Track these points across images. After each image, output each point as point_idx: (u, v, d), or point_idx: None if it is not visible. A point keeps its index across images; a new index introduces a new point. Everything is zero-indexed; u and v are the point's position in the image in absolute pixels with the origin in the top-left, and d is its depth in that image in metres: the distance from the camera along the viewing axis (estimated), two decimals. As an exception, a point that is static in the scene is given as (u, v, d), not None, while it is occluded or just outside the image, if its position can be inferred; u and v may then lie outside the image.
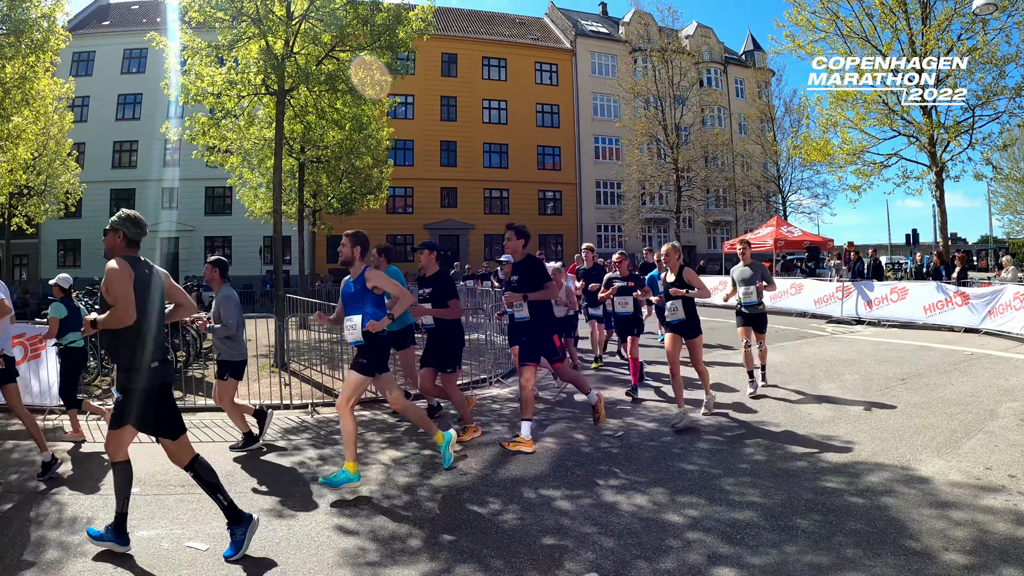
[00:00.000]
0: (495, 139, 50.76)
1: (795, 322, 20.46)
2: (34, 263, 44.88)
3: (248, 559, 5.25)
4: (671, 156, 45.49)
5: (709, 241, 54.83)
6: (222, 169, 22.85)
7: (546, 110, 52.20)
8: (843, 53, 23.26)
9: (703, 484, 6.56)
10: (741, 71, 55.73)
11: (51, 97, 24.67)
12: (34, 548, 5.49)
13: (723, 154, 51.03)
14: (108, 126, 45.27)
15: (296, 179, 23.69)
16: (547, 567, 4.97)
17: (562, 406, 10.47)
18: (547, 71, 52.51)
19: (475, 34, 51.38)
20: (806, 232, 32.92)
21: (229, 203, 44.17)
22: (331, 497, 6.57)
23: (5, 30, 16.30)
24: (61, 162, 30.27)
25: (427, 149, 49.03)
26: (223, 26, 14.78)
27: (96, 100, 45.22)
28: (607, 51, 53.40)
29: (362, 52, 15.52)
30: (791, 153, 34.99)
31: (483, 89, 50.67)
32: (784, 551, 5.03)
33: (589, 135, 52.48)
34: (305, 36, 15.09)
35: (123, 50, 46.05)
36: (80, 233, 43.84)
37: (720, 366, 13.20)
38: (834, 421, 8.71)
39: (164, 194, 45.94)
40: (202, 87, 15.36)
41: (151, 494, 6.78)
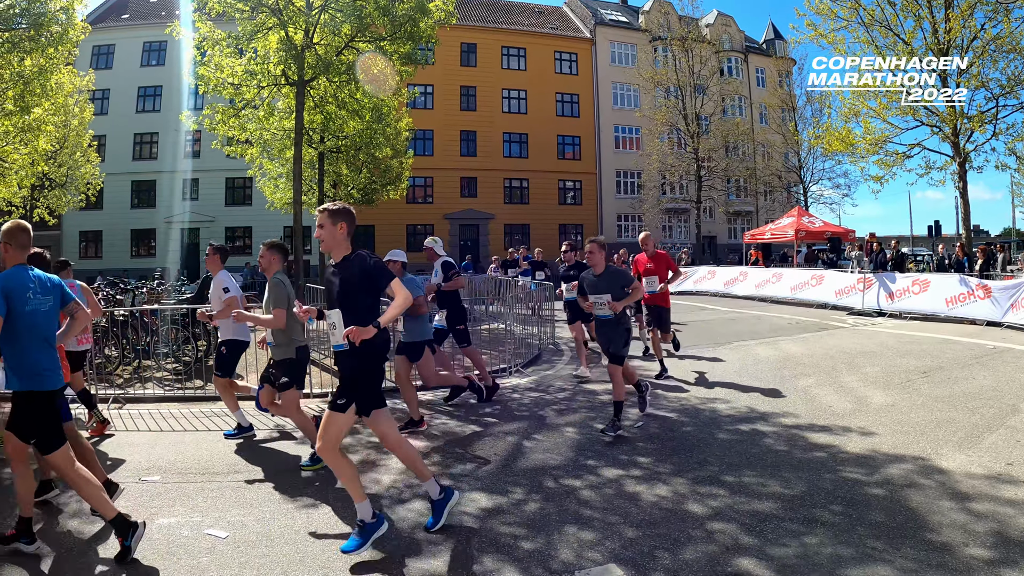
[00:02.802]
0: (515, 129, 50.60)
1: (816, 313, 20.31)
2: (56, 254, 44.81)
3: (269, 546, 5.31)
4: (691, 146, 45.19)
5: (729, 231, 54.53)
6: (242, 160, 22.96)
7: (566, 99, 51.96)
8: (865, 42, 23.02)
9: (724, 474, 6.55)
10: (762, 60, 55.23)
11: (71, 89, 24.82)
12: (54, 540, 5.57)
13: (744, 144, 50.58)
14: (128, 118, 45.47)
15: (316, 170, 23.76)
16: (568, 556, 4.98)
17: (581, 395, 10.46)
18: (567, 60, 52.27)
19: (494, 24, 51.17)
20: (827, 223, 32.70)
21: (249, 194, 44.27)
22: (352, 486, 6.60)
23: (25, 24, 16.40)
24: (82, 154, 30.48)
25: (447, 139, 48.94)
26: (243, 17, 14.83)
27: (116, 93, 45.40)
28: (627, 40, 53.07)
29: (382, 42, 15.51)
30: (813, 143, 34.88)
31: (503, 79, 50.51)
32: (805, 542, 5.02)
33: (609, 124, 52.22)
34: (325, 27, 15.10)
35: (142, 43, 46.13)
36: (101, 224, 44.19)
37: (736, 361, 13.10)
38: (855, 413, 8.65)
39: (184, 185, 46.10)
40: (222, 78, 15.42)
41: (171, 482, 6.84)
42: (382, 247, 44.78)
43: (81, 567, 5.03)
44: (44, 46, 16.42)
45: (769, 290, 25.13)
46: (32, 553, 5.15)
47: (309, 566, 4.99)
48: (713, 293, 27.69)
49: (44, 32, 16.34)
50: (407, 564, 4.98)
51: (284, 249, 7.97)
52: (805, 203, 47.07)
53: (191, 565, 5.05)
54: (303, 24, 14.72)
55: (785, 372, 11.51)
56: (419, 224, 47.94)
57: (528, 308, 17.36)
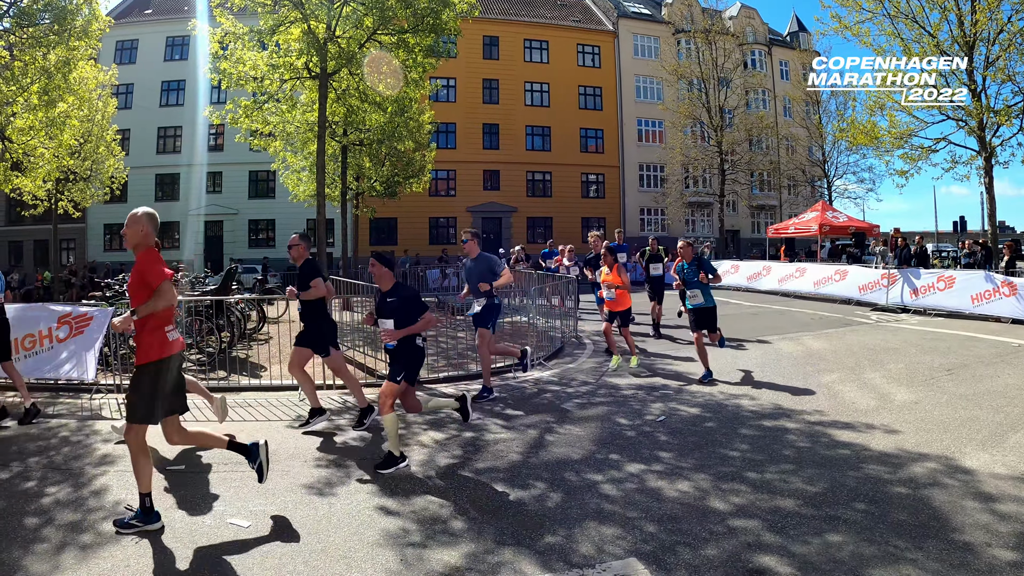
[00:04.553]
0: (537, 122, 50.44)
1: (840, 309, 20.16)
2: (80, 247, 45.74)
3: (290, 536, 5.35)
4: (715, 139, 44.95)
5: (753, 226, 54.15)
6: (265, 153, 23.09)
7: (588, 92, 51.72)
8: (890, 34, 22.75)
9: (746, 470, 6.52)
10: (786, 53, 54.71)
11: (94, 84, 25.01)
12: (76, 527, 5.62)
13: (767, 137, 50.26)
14: (152, 112, 45.82)
15: (339, 162, 23.83)
16: (588, 550, 4.98)
17: (603, 388, 10.45)
18: (589, 53, 52.03)
19: (516, 16, 51.01)
20: (851, 218, 32.43)
21: (272, 187, 44.49)
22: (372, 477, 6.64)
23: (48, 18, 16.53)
24: (106, 147, 30.73)
25: (469, 132, 48.91)
26: (265, 11, 14.87)
27: (140, 87, 45.77)
28: (650, 32, 52.76)
29: (405, 35, 15.52)
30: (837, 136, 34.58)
31: (525, 72, 50.37)
32: (827, 540, 4.99)
33: (632, 118, 51.95)
34: (347, 19, 15.13)
35: (165, 37, 46.49)
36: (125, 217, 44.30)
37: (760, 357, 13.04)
38: (878, 410, 8.58)
39: (208, 178, 46.54)
40: (244, 71, 15.48)
41: (194, 471, 6.89)
42: (405, 240, 45.00)
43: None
44: (67, 40, 16.55)
45: (792, 285, 24.97)
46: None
47: (331, 556, 5.01)
48: (736, 287, 27.53)
49: (67, 26, 16.46)
50: (426, 556, 4.99)
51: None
52: (829, 197, 46.69)
53: (213, 554, 5.10)
54: (325, 17, 14.75)
55: (808, 368, 11.45)
56: (441, 217, 48.04)
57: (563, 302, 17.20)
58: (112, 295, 14.64)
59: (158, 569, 4.89)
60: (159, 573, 4.84)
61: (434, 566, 4.83)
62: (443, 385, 10.98)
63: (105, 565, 4.94)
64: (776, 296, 24.56)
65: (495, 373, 11.22)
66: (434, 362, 12.60)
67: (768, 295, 25.03)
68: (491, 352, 10.24)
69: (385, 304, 7.25)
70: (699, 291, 10.93)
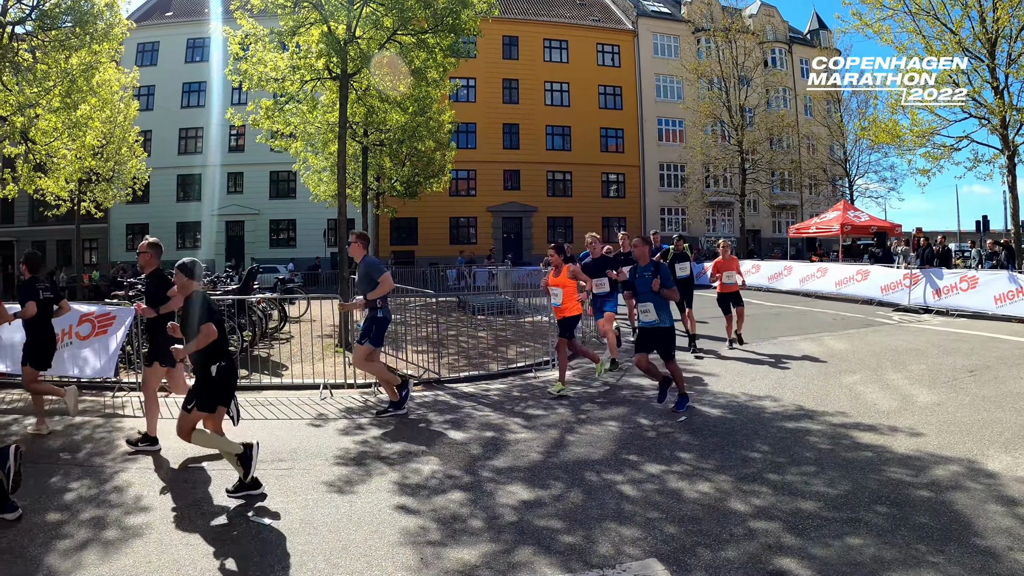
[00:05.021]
0: (557, 121, 50.38)
1: (861, 309, 20.00)
2: (103, 247, 46.20)
3: (312, 534, 5.38)
4: (735, 138, 44.64)
5: (774, 225, 53.82)
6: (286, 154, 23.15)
7: (608, 92, 51.59)
8: (912, 31, 22.46)
9: (767, 472, 6.50)
10: (806, 51, 54.20)
11: (117, 86, 25.23)
12: (98, 524, 5.69)
13: (788, 136, 49.96)
14: (174, 113, 46.25)
15: (359, 163, 23.88)
16: (607, 551, 4.98)
17: (624, 388, 10.43)
18: (609, 52, 51.90)
19: (536, 16, 50.95)
20: (873, 217, 32.20)
21: (293, 187, 44.73)
22: (393, 475, 6.69)
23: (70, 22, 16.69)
24: (128, 149, 31.01)
25: (489, 132, 48.92)
26: (284, 12, 14.93)
27: (161, 89, 46.24)
28: (669, 31, 52.57)
29: (424, 35, 15.54)
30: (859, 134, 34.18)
31: (545, 71, 50.32)
32: (848, 543, 4.96)
33: (652, 117, 51.75)
34: (367, 20, 15.13)
35: (186, 39, 46.92)
36: (148, 217, 44.94)
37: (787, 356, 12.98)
38: (900, 412, 8.51)
39: (229, 179, 46.94)
40: (264, 72, 15.55)
41: (216, 469, 6.94)
42: (426, 239, 45.16)
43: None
44: (89, 43, 16.70)
45: (814, 285, 24.80)
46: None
47: (351, 554, 5.05)
48: (757, 287, 27.35)
49: (89, 29, 16.61)
50: (445, 555, 5.01)
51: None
52: (851, 197, 46.33)
53: (236, 551, 5.15)
54: (344, 18, 14.76)
55: (830, 369, 11.38)
56: (462, 216, 48.15)
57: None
58: (135, 295, 14.76)
59: (179, 565, 4.95)
60: (180, 569, 4.89)
61: (453, 565, 4.86)
62: (464, 384, 10.99)
63: (127, 561, 5.01)
64: (797, 296, 24.40)
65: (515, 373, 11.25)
66: (455, 361, 12.63)
67: (789, 295, 24.88)
68: (374, 369, 9.37)
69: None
70: (651, 305, 9.04)
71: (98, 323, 10.64)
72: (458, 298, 22.66)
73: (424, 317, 15.24)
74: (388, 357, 12.81)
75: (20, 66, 16.50)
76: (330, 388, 10.68)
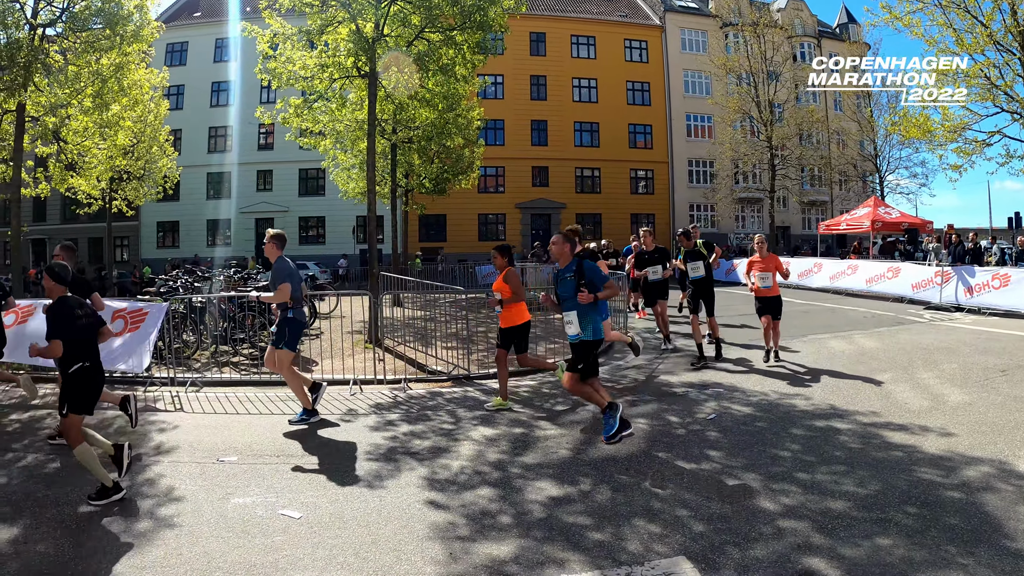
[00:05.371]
0: (586, 118, 50.36)
1: (892, 307, 19.75)
2: (134, 244, 46.93)
3: (342, 528, 5.43)
4: (765, 133, 44.15)
5: (804, 222, 53.38)
6: (315, 152, 23.34)
7: (636, 88, 51.43)
8: (942, 24, 22.17)
9: (797, 471, 6.46)
10: (835, 45, 53.48)
11: (147, 86, 25.53)
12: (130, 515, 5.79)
13: (818, 132, 49.36)
14: (203, 112, 46.92)
15: (388, 160, 24.00)
16: (636, 548, 4.99)
17: (654, 386, 10.39)
18: (636, 48, 51.73)
19: (563, 12, 50.93)
20: (904, 213, 31.80)
21: (322, 184, 45.11)
22: (422, 471, 6.73)
23: (101, 23, 16.90)
24: (158, 147, 31.42)
25: (518, 128, 49.03)
26: (313, 11, 15.01)
27: (191, 88, 46.98)
28: (697, 27, 52.28)
29: (452, 32, 15.58)
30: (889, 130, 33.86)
31: (572, 68, 50.29)
32: (877, 543, 4.92)
33: (681, 113, 51.53)
34: (394, 18, 15.20)
35: (214, 39, 47.55)
36: (178, 215, 45.67)
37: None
38: (931, 411, 8.39)
39: (259, 177, 47.43)
40: (293, 70, 15.65)
41: (247, 463, 7.02)
42: (454, 236, 45.27)
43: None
44: (119, 44, 16.91)
45: (844, 282, 24.54)
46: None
47: (381, 548, 5.09)
48: (787, 285, 27.10)
49: (119, 31, 16.82)
50: (474, 551, 5.04)
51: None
52: (881, 193, 45.71)
53: (265, 544, 5.21)
54: (372, 16, 14.81)
55: (860, 367, 11.25)
56: (491, 213, 48.31)
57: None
58: (167, 291, 14.95)
59: (210, 557, 5.01)
60: (211, 561, 4.96)
61: (482, 560, 4.88)
62: (492, 381, 11.00)
63: (158, 553, 5.09)
64: (827, 293, 24.18)
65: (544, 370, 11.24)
66: (484, 358, 12.66)
67: (819, 292, 24.65)
68: (288, 375, 8.99)
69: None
70: (574, 315, 7.43)
71: (130, 319, 10.78)
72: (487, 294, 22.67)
73: (453, 314, 15.29)
74: (418, 353, 12.87)
75: (51, 67, 16.72)
76: (360, 384, 10.76)
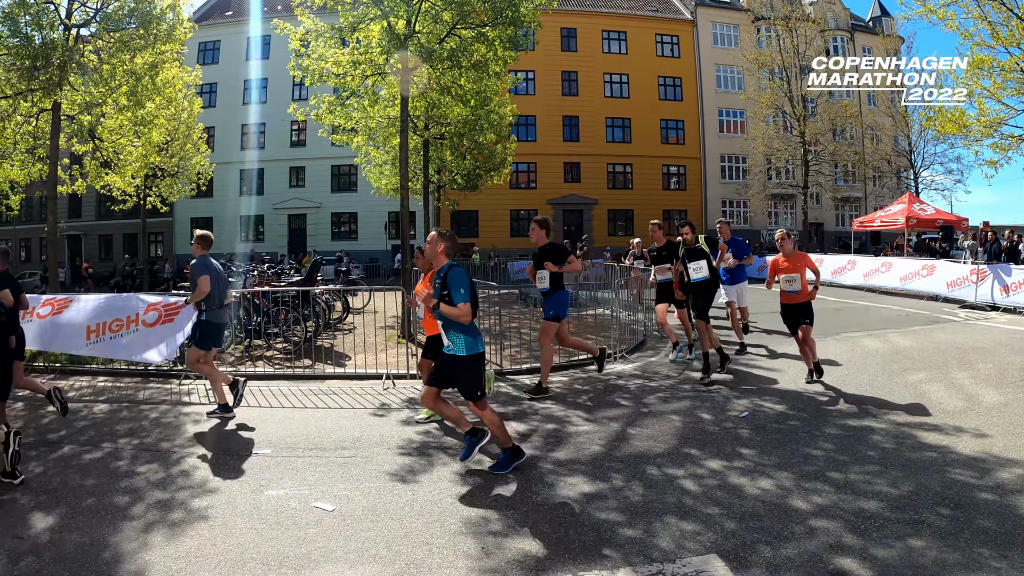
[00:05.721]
0: (617, 113, 50.17)
1: (926, 305, 19.49)
2: (168, 240, 47.53)
3: (374, 521, 5.49)
4: (798, 129, 43.63)
5: (837, 218, 52.80)
6: (347, 148, 23.45)
7: (668, 83, 51.09)
8: (977, 17, 21.75)
9: (829, 470, 6.42)
10: (868, 39, 52.87)
11: (180, 84, 25.83)
12: (164, 506, 5.89)
13: (851, 127, 48.73)
14: (235, 110, 47.53)
15: (421, 156, 24.07)
16: (668, 545, 5.00)
17: (686, 383, 10.37)
18: (668, 43, 51.38)
19: (594, 7, 50.75)
20: (939, 210, 31.37)
21: (354, 180, 45.41)
22: (455, 466, 6.76)
23: (134, 23, 17.12)
24: (192, 145, 31.80)
25: (549, 124, 49.01)
26: (345, 9, 15.10)
27: (223, 86, 47.61)
28: (729, 21, 51.80)
29: (484, 28, 15.59)
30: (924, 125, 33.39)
31: (604, 63, 50.10)
32: (910, 545, 4.89)
33: (713, 108, 51.15)
34: (426, 15, 15.24)
35: (246, 38, 48.13)
36: (212, 211, 46.18)
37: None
38: (965, 412, 8.29)
39: (291, 173, 47.91)
40: (325, 67, 15.75)
41: (281, 456, 7.11)
42: (486, 232, 45.36)
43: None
44: (153, 43, 17.12)
45: (878, 280, 24.25)
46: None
47: (413, 541, 5.14)
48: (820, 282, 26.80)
49: (153, 30, 17.04)
50: (506, 546, 5.08)
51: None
52: (916, 189, 45.08)
53: (299, 536, 5.28)
54: (404, 13, 14.87)
55: (894, 366, 11.14)
56: (522, 209, 48.27)
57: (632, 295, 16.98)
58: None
59: (243, 549, 5.09)
60: (244, 552, 5.04)
61: (514, 555, 4.91)
62: (525, 376, 11.02)
63: (192, 544, 5.17)
64: (861, 291, 23.91)
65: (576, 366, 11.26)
66: (516, 353, 12.70)
67: (852, 290, 24.40)
68: (203, 371, 9.19)
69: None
70: (443, 323, 6.59)
71: (164, 312, 11.00)
72: (519, 290, 22.73)
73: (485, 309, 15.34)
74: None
75: (86, 67, 16.97)
76: (392, 378, 10.82)
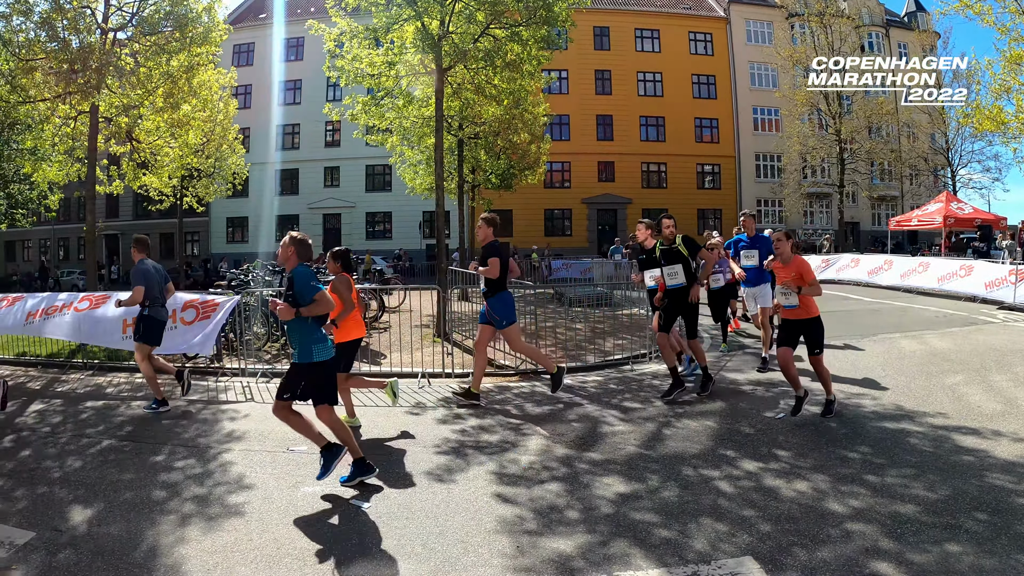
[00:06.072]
0: (651, 112, 49.94)
1: (964, 307, 19.16)
2: (204, 239, 48.26)
3: (410, 518, 5.57)
4: (833, 127, 43.08)
5: (873, 217, 52.13)
6: (381, 148, 23.59)
7: (702, 81, 50.73)
8: (1014, 11, 21.43)
9: (866, 473, 6.37)
10: (904, 34, 52.16)
11: (216, 86, 26.16)
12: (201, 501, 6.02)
13: (888, 124, 48.08)
14: (270, 111, 48.06)
15: (455, 156, 24.17)
16: (703, 547, 5.00)
17: (722, 383, 10.29)
18: (701, 41, 51.04)
19: (626, 6, 50.56)
20: (977, 209, 30.87)
21: (389, 180, 45.74)
22: (490, 465, 6.82)
23: (170, 27, 17.42)
24: (228, 146, 32.19)
25: (583, 123, 48.94)
26: (379, 10, 15.20)
27: (258, 88, 48.25)
28: (762, 17, 51.33)
29: (518, 28, 15.63)
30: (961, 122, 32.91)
31: (637, 61, 49.91)
32: (946, 550, 4.84)
33: (747, 106, 50.75)
34: (460, 15, 15.30)
35: (281, 40, 48.74)
36: (247, 211, 46.89)
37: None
38: (1004, 416, 8.14)
39: (326, 173, 48.42)
40: (360, 68, 15.88)
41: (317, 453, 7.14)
42: (521, 232, 45.44)
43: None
44: (189, 46, 17.40)
45: (915, 280, 23.86)
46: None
47: (449, 539, 5.20)
48: (856, 282, 26.48)
49: (188, 33, 17.31)
50: (541, 544, 5.11)
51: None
52: (953, 188, 44.39)
53: (334, 533, 5.38)
54: (437, 14, 14.93)
55: (932, 368, 10.97)
56: (556, 208, 48.40)
57: None
58: (237, 284, 15.37)
59: (279, 544, 5.19)
60: (280, 548, 5.13)
61: (549, 555, 4.95)
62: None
63: (228, 538, 5.29)
64: (897, 292, 23.60)
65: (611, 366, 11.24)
66: (551, 353, 12.71)
67: (889, 291, 24.10)
68: (142, 367, 9.50)
69: None
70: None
71: (201, 309, 11.32)
72: (554, 289, 22.74)
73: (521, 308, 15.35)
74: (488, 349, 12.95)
75: (123, 70, 17.26)
76: (428, 377, 10.90)
